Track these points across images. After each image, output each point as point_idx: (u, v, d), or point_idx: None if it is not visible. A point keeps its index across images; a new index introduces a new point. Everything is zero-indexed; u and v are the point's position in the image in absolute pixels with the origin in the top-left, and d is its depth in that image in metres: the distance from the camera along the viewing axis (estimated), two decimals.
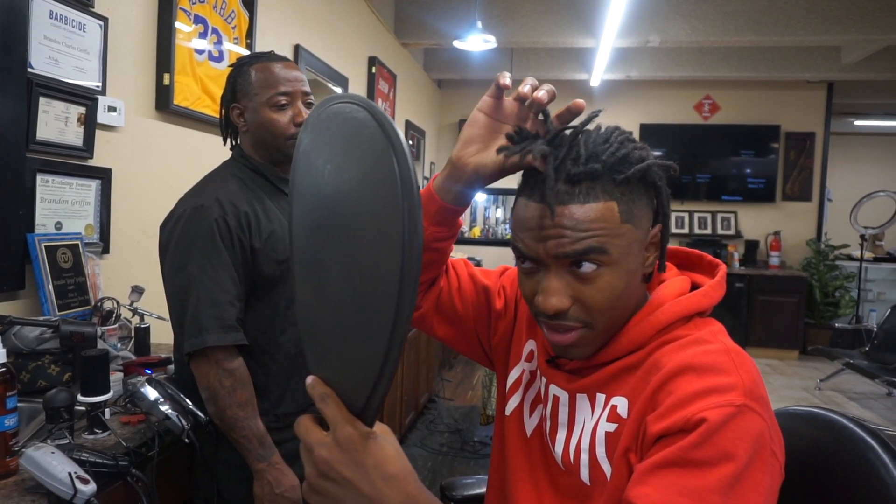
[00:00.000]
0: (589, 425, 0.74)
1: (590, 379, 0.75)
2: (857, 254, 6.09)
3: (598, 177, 0.68)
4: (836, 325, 6.05)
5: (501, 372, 0.93)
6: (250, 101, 1.33)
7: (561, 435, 0.77)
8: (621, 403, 0.71)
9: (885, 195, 5.82)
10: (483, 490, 1.19)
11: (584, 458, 0.73)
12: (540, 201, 0.69)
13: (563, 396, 0.78)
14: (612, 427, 0.71)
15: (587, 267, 0.68)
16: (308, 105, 1.36)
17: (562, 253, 0.68)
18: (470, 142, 0.76)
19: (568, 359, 0.76)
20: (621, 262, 0.69)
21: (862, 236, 5.90)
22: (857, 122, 7.09)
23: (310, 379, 0.52)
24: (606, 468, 0.71)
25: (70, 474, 0.87)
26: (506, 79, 0.73)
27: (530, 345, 0.89)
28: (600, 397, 0.74)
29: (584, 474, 0.73)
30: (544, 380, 0.82)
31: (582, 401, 0.76)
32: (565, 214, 0.68)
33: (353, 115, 0.47)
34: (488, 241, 6.57)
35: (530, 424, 0.85)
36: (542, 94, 0.70)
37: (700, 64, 5.64)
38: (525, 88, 0.71)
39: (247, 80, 1.33)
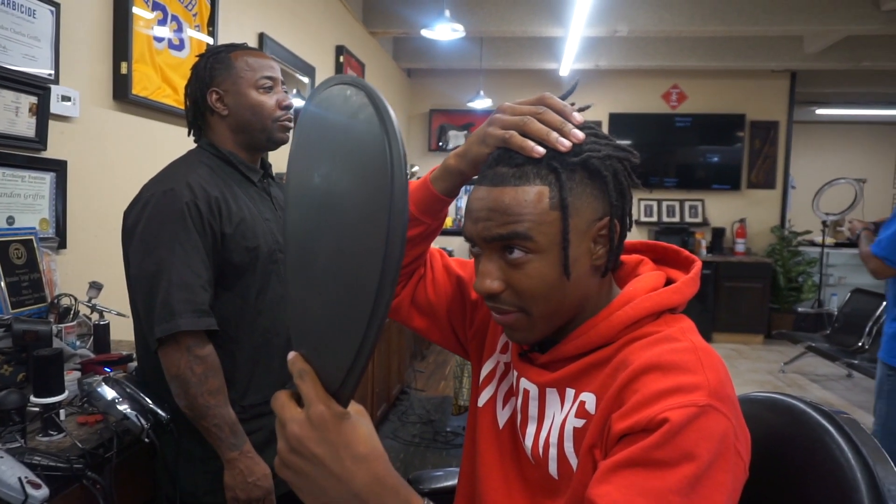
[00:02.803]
0: (558, 420, 0.74)
1: (559, 373, 0.75)
2: (819, 240, 6.25)
3: (536, 161, 0.68)
4: (799, 309, 6.21)
5: (476, 363, 0.93)
6: (233, 85, 1.31)
7: (531, 428, 0.77)
8: (589, 399, 0.71)
9: (846, 182, 5.96)
10: (452, 482, 1.18)
11: (553, 452, 0.73)
12: (479, 184, 0.71)
13: (534, 390, 0.77)
14: (580, 423, 0.71)
15: (516, 253, 0.69)
16: (286, 92, 1.38)
17: (489, 236, 0.70)
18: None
19: (514, 342, 0.76)
20: (551, 250, 0.69)
21: (823, 223, 6.05)
22: (819, 111, 7.26)
23: (291, 354, 0.52)
24: (574, 463, 0.71)
25: (20, 479, 0.84)
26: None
27: (505, 337, 0.89)
28: (570, 392, 0.74)
29: (553, 468, 0.73)
30: (516, 373, 0.81)
31: (552, 395, 0.76)
32: (496, 198, 0.69)
33: (351, 99, 0.48)
34: (460, 231, 6.57)
35: (503, 416, 0.84)
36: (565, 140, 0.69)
37: (668, 53, 5.70)
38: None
39: (229, 65, 1.32)
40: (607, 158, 0.70)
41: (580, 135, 0.70)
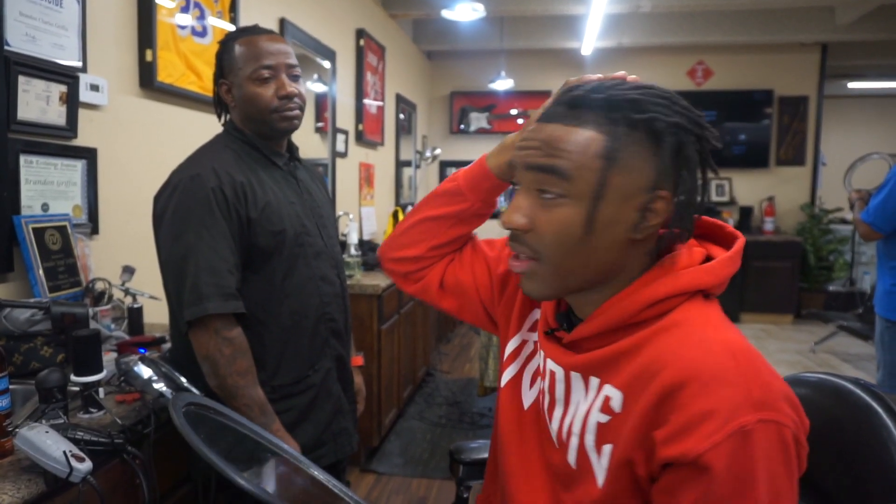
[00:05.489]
0: (582, 409, 0.72)
1: (585, 357, 0.72)
2: (850, 217, 6.10)
3: (594, 107, 0.67)
4: (830, 288, 6.09)
5: (503, 339, 0.92)
6: (236, 77, 1.32)
7: (558, 411, 0.76)
8: (616, 396, 0.68)
9: (879, 157, 5.77)
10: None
11: (574, 441, 0.72)
12: (537, 119, 0.72)
13: (560, 372, 0.76)
14: (604, 418, 0.69)
15: (549, 195, 0.68)
16: (293, 78, 1.34)
17: (531, 163, 0.70)
18: None
19: (524, 292, 0.75)
20: (584, 199, 0.67)
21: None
22: (851, 85, 7.05)
23: None
24: (593, 457, 0.70)
25: (65, 453, 0.87)
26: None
27: (535, 314, 0.88)
28: (594, 381, 0.72)
29: (572, 457, 0.72)
30: (542, 353, 0.81)
31: (577, 380, 0.74)
32: (549, 131, 0.69)
33: None
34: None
35: (528, 397, 0.83)
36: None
37: (692, 29, 5.57)
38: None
39: (232, 56, 1.32)
40: (675, 126, 0.66)
41: (626, 75, 0.74)
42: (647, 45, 5.78)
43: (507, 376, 0.87)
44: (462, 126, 6.48)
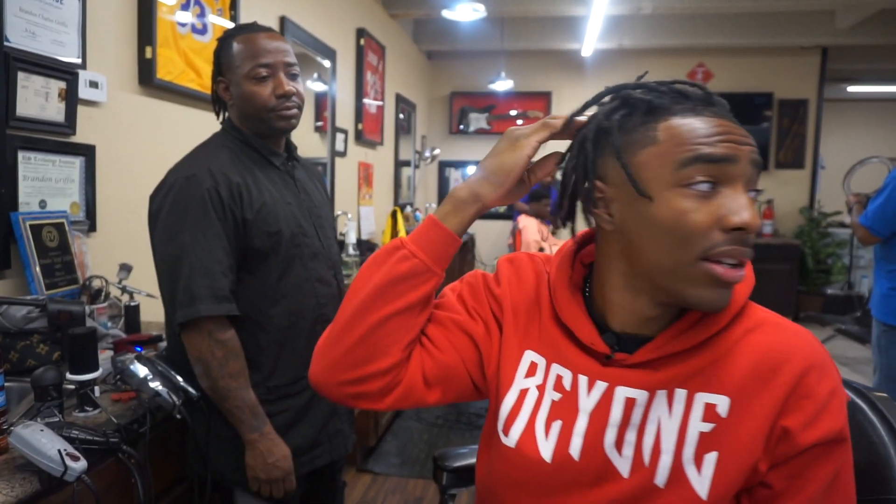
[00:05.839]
0: (672, 424, 0.69)
1: (670, 372, 0.70)
2: (848, 220, 6.10)
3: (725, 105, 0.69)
4: (829, 291, 6.09)
5: (496, 402, 0.81)
6: (233, 75, 1.31)
7: (630, 436, 0.70)
8: (722, 402, 0.67)
9: (878, 161, 5.76)
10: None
11: (666, 459, 0.68)
12: (713, 115, 0.66)
13: (641, 396, 0.70)
14: (707, 427, 0.67)
15: (752, 192, 0.67)
16: (292, 76, 1.33)
17: (754, 158, 0.66)
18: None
19: (721, 305, 0.67)
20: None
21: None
22: (851, 88, 7.05)
23: None
24: (690, 471, 0.67)
25: (60, 451, 0.87)
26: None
27: (529, 357, 0.79)
28: (680, 393, 0.69)
29: (661, 478, 0.68)
30: (604, 385, 0.72)
31: (661, 398, 0.70)
32: (735, 127, 0.67)
33: None
34: None
35: (547, 447, 0.73)
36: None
37: (693, 31, 5.57)
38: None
39: (229, 54, 1.32)
40: None
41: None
42: (648, 46, 5.78)
43: (514, 434, 0.76)
44: (461, 126, 6.48)
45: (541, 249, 3.78)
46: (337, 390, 0.77)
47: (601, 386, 0.72)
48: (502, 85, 5.64)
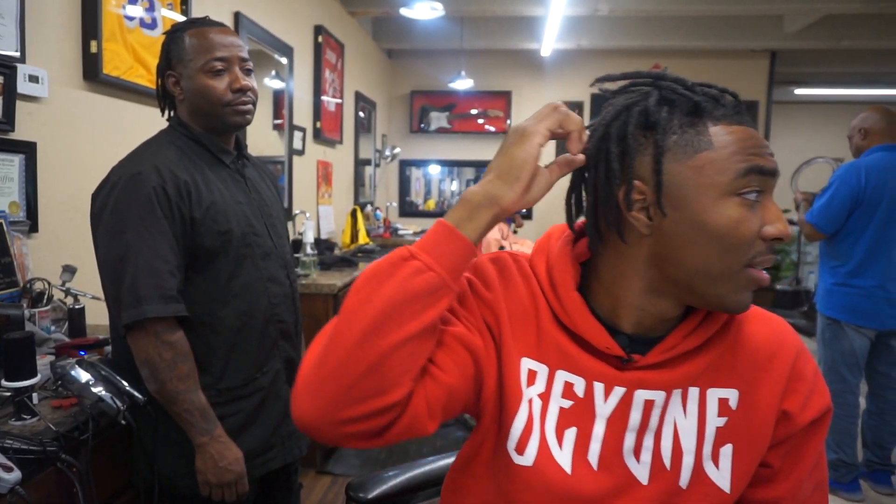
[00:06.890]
0: (688, 423, 0.69)
1: (685, 370, 0.69)
2: (797, 218, 6.32)
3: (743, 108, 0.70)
4: (778, 287, 6.30)
5: (508, 419, 0.72)
6: (185, 69, 1.28)
7: (648, 441, 0.69)
8: (732, 395, 0.70)
9: (824, 161, 6.00)
10: (396, 482, 1.06)
11: (689, 460, 0.68)
12: (748, 125, 0.68)
13: (660, 398, 0.69)
14: (722, 422, 0.69)
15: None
16: (246, 72, 1.31)
17: (775, 169, 0.68)
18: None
19: (746, 306, 0.67)
20: None
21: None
22: (798, 91, 7.30)
23: None
24: (710, 468, 0.68)
25: None
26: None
27: (525, 365, 0.72)
28: (693, 392, 0.70)
29: (685, 478, 0.68)
30: (622, 389, 0.69)
31: (676, 397, 0.70)
32: (755, 133, 0.68)
33: None
34: (443, 213, 6.55)
35: (565, 457, 0.70)
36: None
37: (649, 33, 5.69)
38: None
39: (181, 47, 1.28)
40: None
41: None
42: (606, 47, 5.87)
43: (531, 452, 0.70)
44: (422, 125, 6.46)
45: (501, 248, 3.80)
46: (334, 430, 0.62)
47: (619, 391, 0.69)
48: (462, 84, 5.65)
